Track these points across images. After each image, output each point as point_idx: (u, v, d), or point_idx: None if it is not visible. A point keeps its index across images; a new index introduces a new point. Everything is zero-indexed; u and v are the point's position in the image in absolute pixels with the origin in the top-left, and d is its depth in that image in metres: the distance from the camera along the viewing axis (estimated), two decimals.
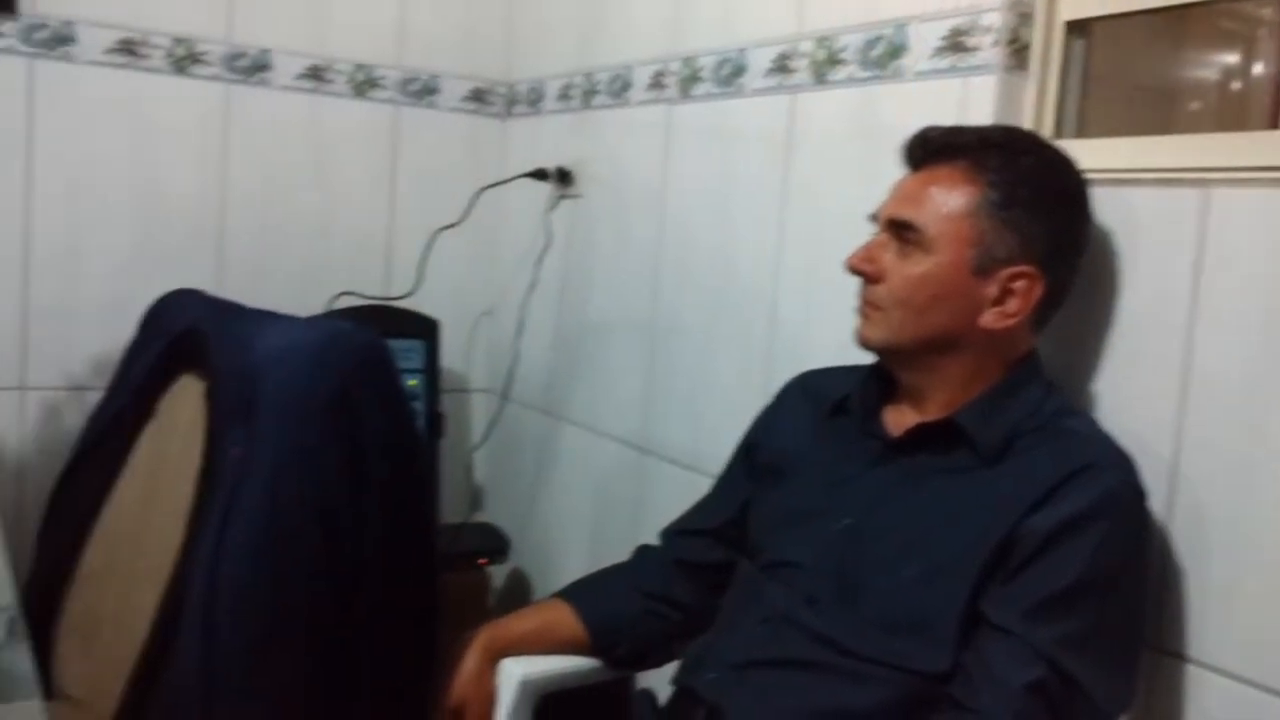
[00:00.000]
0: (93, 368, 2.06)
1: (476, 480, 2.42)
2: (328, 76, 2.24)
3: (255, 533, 1.25)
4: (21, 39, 1.98)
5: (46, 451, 2.03)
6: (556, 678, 1.37)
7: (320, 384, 1.30)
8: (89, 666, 1.47)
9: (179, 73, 2.11)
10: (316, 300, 2.16)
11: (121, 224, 2.09)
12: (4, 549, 1.21)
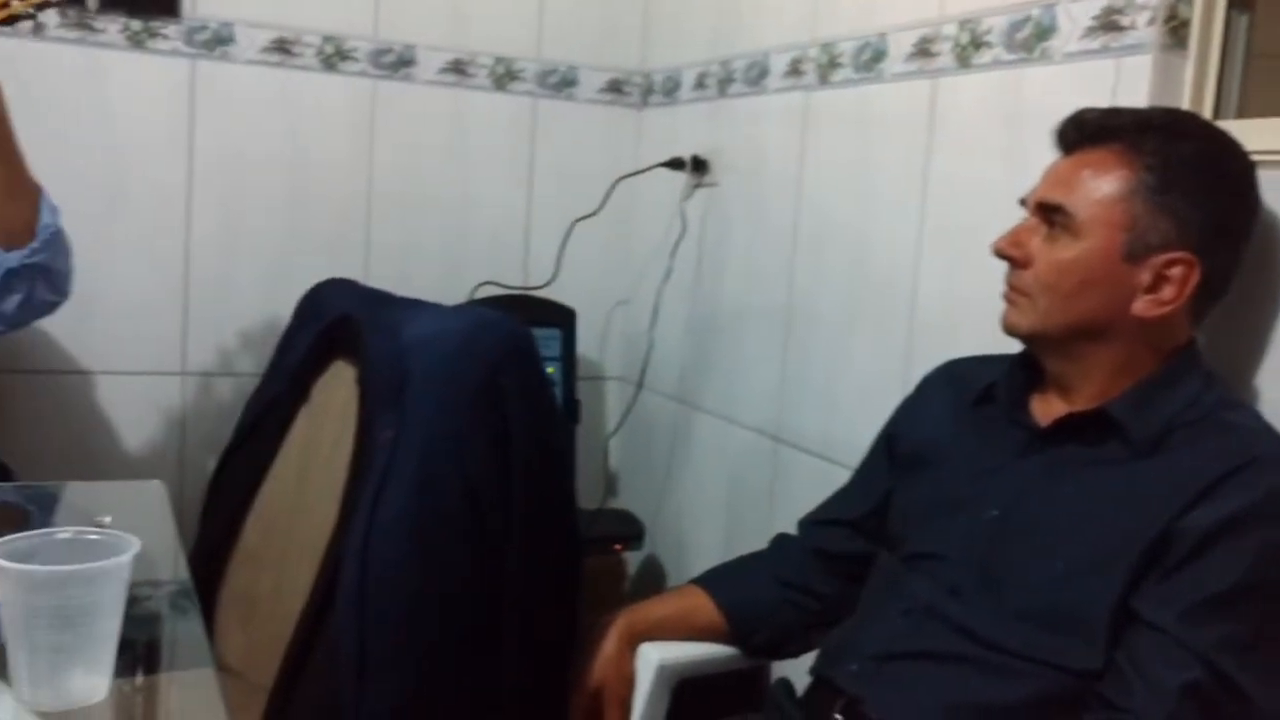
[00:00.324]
0: (249, 354, 2.15)
1: (611, 467, 2.45)
2: (469, 70, 2.29)
3: (405, 513, 1.30)
4: (184, 41, 2.09)
5: (207, 433, 2.13)
6: (694, 663, 1.38)
7: (468, 370, 1.34)
8: (247, 640, 1.54)
9: (328, 70, 2.19)
10: (458, 290, 2.22)
11: (274, 216, 2.18)
12: (174, 525, 1.28)
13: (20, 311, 1.54)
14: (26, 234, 1.50)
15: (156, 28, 2.06)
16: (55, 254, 1.54)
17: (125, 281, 2.08)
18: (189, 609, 1.04)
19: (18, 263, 1.49)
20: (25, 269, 1.50)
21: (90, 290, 2.04)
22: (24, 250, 1.49)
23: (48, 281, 1.54)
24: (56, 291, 1.59)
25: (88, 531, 0.80)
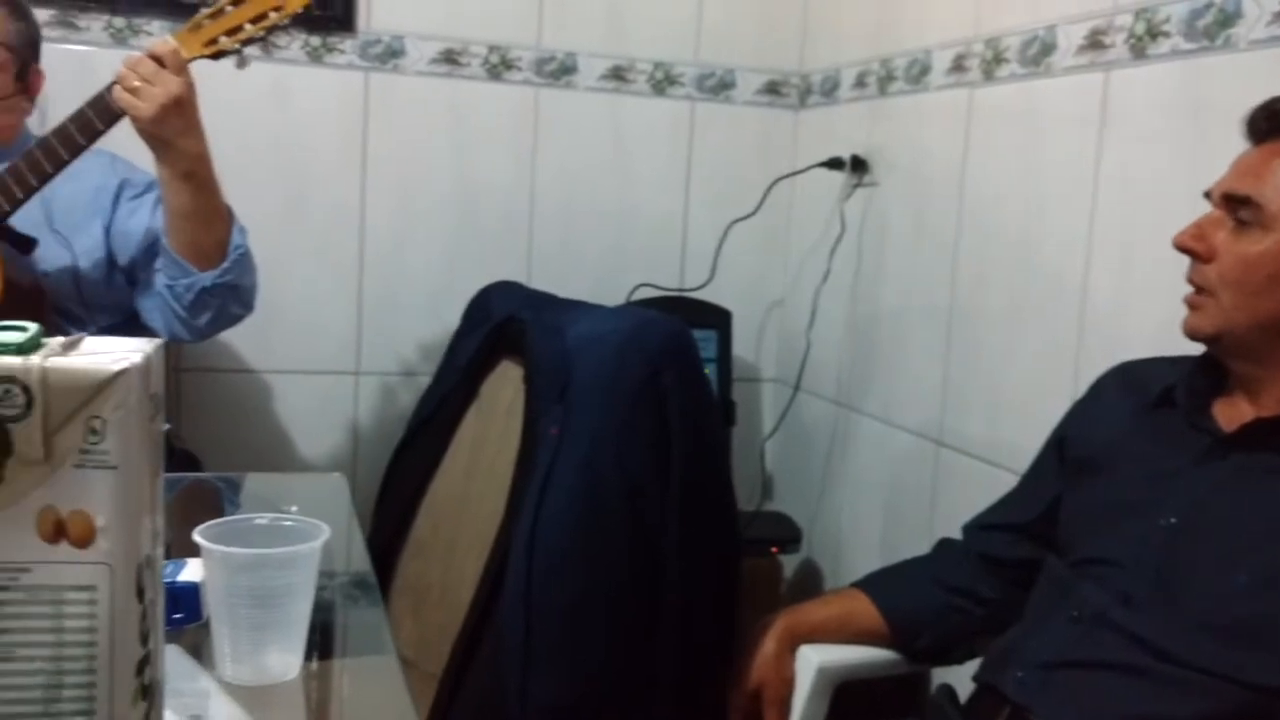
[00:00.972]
0: (419, 353, 2.24)
1: (768, 469, 2.44)
2: (629, 76, 2.33)
3: (570, 506, 1.33)
4: (359, 54, 2.18)
5: (378, 430, 2.23)
6: (854, 667, 1.37)
7: (630, 368, 1.37)
8: (418, 629, 1.60)
9: (494, 78, 2.26)
10: (616, 292, 2.25)
11: (442, 221, 2.26)
12: (354, 516, 1.34)
13: (211, 326, 1.64)
14: (219, 255, 1.59)
15: (334, 43, 2.16)
16: (243, 272, 1.63)
17: (304, 286, 2.19)
18: (367, 597, 1.09)
19: (210, 282, 1.58)
20: (217, 287, 1.59)
21: (271, 295, 2.15)
22: (216, 270, 1.58)
23: (236, 298, 1.64)
24: (244, 306, 1.69)
25: (283, 517, 0.85)
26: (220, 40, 1.51)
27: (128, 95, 1.49)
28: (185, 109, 1.50)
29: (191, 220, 1.57)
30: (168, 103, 1.48)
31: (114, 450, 0.55)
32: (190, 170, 1.54)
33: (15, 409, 0.54)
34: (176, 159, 1.53)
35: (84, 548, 0.55)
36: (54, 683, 0.56)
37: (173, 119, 1.49)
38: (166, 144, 1.51)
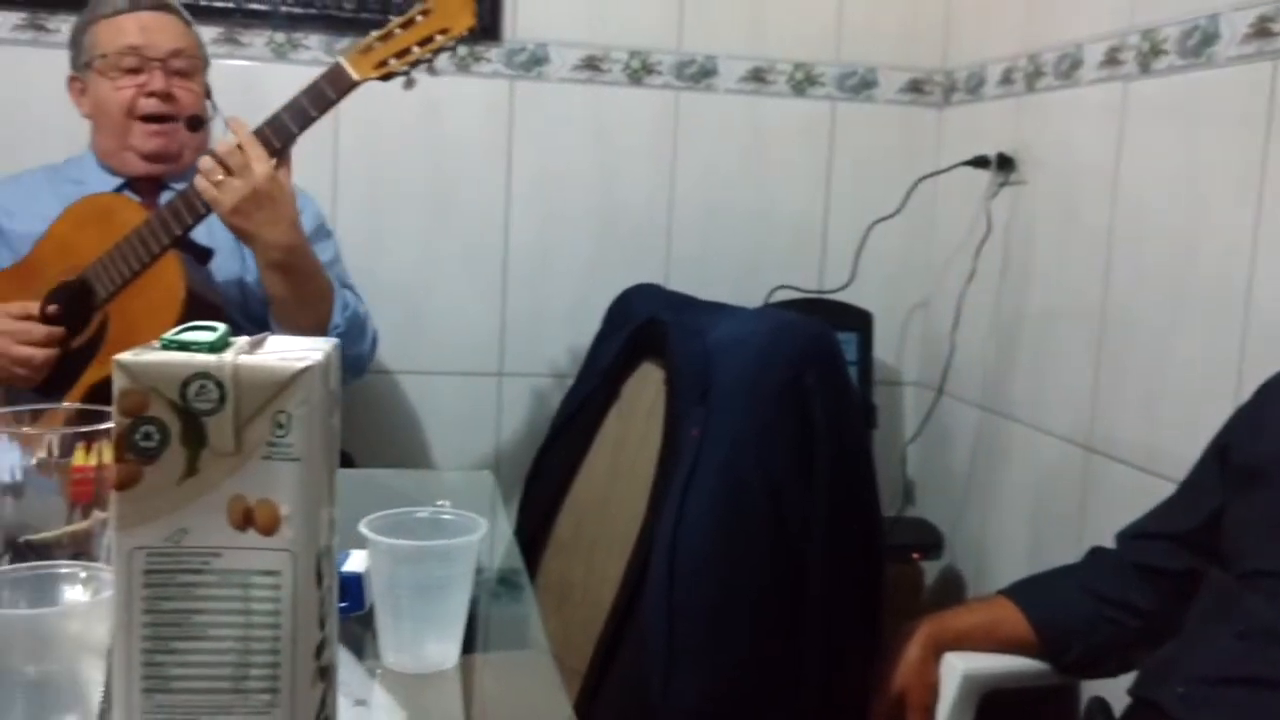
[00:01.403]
0: (561, 355, 2.28)
1: (909, 474, 2.41)
2: (769, 78, 2.32)
3: (711, 508, 1.34)
4: (504, 63, 2.24)
5: (522, 430, 2.28)
6: (1001, 675, 1.34)
7: (772, 370, 1.37)
8: (560, 626, 1.63)
9: (634, 83, 2.28)
10: (754, 294, 2.25)
11: (584, 225, 2.30)
12: (504, 513, 1.37)
13: None
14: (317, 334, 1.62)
15: (480, 52, 2.22)
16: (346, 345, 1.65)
17: (450, 290, 2.26)
18: (516, 593, 1.12)
19: None
20: None
21: (419, 298, 2.24)
22: None
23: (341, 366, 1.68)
24: (351, 373, 1.72)
25: (442, 511, 0.88)
26: (390, 63, 1.56)
27: (210, 187, 1.51)
28: (266, 202, 1.51)
29: (288, 306, 1.61)
30: (247, 196, 1.50)
31: (298, 443, 0.59)
32: (280, 261, 1.56)
33: (209, 403, 0.58)
34: (264, 250, 1.55)
35: (270, 535, 0.59)
36: (242, 661, 0.59)
37: (254, 212, 1.51)
38: (250, 236, 1.54)
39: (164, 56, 1.73)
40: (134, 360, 0.58)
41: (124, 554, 0.58)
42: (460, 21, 1.57)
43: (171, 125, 1.75)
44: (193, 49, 1.78)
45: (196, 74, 1.78)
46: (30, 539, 0.79)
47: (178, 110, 1.74)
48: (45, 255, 1.68)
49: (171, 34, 1.75)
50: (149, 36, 1.74)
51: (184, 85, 1.75)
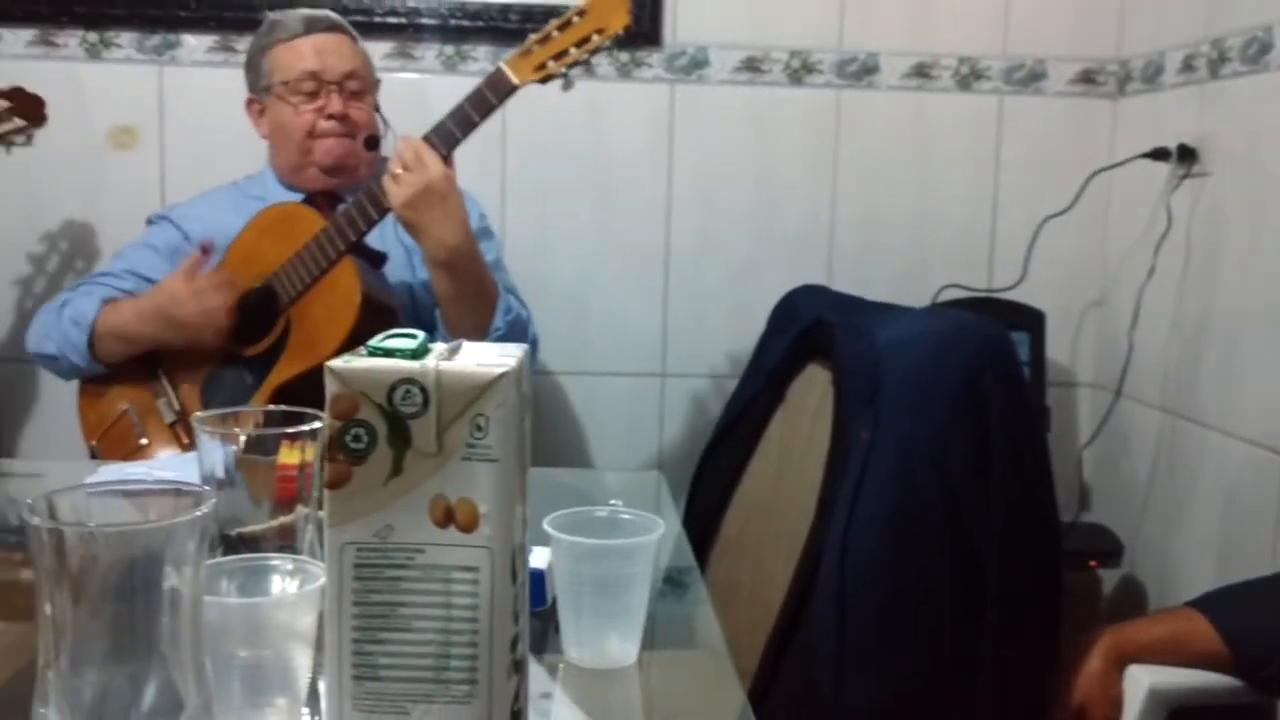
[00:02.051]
0: (723, 357, 2.29)
1: (1085, 479, 2.32)
2: (932, 73, 2.28)
3: (883, 512, 1.32)
4: (665, 67, 2.26)
5: (686, 430, 2.30)
6: (1191, 691, 1.29)
7: (945, 372, 1.34)
8: (728, 626, 1.63)
9: (794, 83, 2.27)
10: (920, 294, 2.21)
11: (744, 227, 2.30)
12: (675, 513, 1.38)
13: None
14: (479, 335, 1.65)
15: (642, 57, 2.25)
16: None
17: (612, 292, 2.29)
18: (686, 592, 1.13)
19: None
20: None
21: (582, 300, 2.28)
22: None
23: None
24: None
25: (621, 511, 0.90)
26: (548, 65, 1.60)
27: (389, 180, 1.58)
28: (437, 199, 1.56)
29: (452, 304, 1.65)
30: (420, 191, 1.55)
31: (495, 445, 0.61)
32: (448, 260, 1.60)
33: (414, 407, 0.61)
34: (433, 247, 1.59)
35: (469, 532, 0.61)
36: (443, 653, 0.62)
37: (424, 208, 1.56)
38: (421, 231, 1.59)
39: (339, 79, 1.81)
40: (344, 367, 0.61)
41: (335, 549, 0.62)
42: (615, 21, 1.60)
43: (349, 141, 1.82)
44: (364, 68, 1.85)
45: (368, 93, 1.85)
46: (241, 531, 0.84)
47: (354, 130, 1.82)
48: (232, 264, 1.78)
49: (345, 56, 1.82)
50: (325, 60, 1.81)
51: (358, 105, 1.83)
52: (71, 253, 2.24)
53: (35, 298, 2.24)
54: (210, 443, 0.86)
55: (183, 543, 0.56)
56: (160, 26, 2.20)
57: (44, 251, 2.24)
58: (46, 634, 0.56)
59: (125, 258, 1.91)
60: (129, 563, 0.56)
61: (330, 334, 1.65)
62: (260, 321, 1.73)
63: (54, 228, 2.24)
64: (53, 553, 0.55)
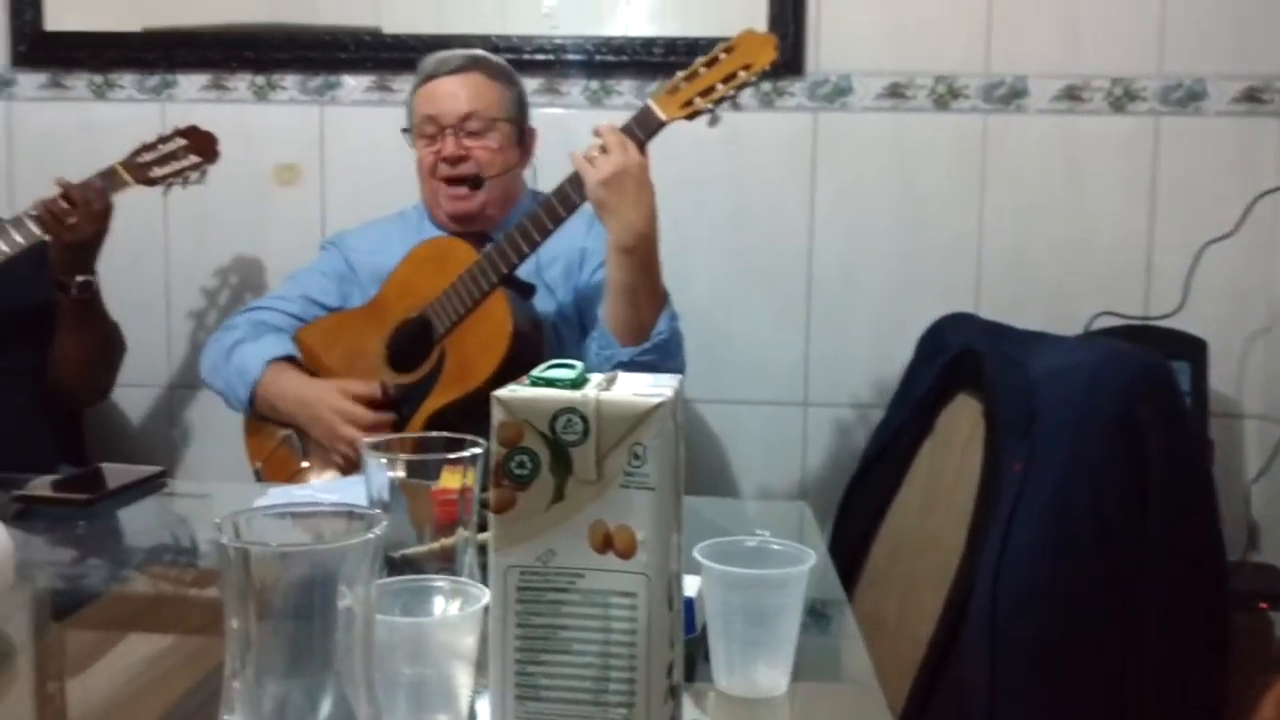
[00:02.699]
0: (867, 386, 2.26)
1: (1253, 515, 2.21)
2: (1083, 95, 2.22)
3: (1037, 545, 1.29)
4: (808, 96, 2.26)
5: (829, 460, 2.28)
6: None
7: (1102, 403, 1.31)
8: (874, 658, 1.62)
9: (940, 109, 2.25)
10: (1072, 322, 2.15)
11: (888, 254, 2.27)
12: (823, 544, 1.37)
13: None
14: (641, 336, 1.67)
15: (784, 86, 2.26)
16: (664, 357, 1.69)
17: (753, 320, 2.29)
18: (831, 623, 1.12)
19: (627, 358, 1.66)
20: (632, 364, 1.66)
21: (722, 328, 2.29)
22: (635, 349, 1.66)
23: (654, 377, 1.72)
24: None
25: (770, 541, 0.91)
26: (695, 101, 1.62)
27: (584, 161, 1.62)
28: (630, 183, 1.59)
29: (623, 296, 1.65)
30: (618, 171, 1.58)
31: (653, 473, 0.62)
32: (631, 246, 1.62)
33: (575, 435, 0.63)
34: (620, 231, 1.61)
35: (627, 558, 0.63)
36: (601, 675, 0.64)
37: (618, 187, 1.59)
38: (612, 212, 1.61)
39: (455, 122, 1.86)
40: (510, 396, 0.64)
41: (500, 571, 0.64)
42: (762, 56, 1.61)
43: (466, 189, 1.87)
44: (490, 107, 1.88)
45: (491, 131, 1.87)
46: (405, 554, 0.88)
47: (469, 171, 1.87)
48: (390, 294, 1.85)
49: (464, 98, 1.86)
50: (443, 104, 1.86)
51: (478, 145, 1.86)
52: (241, 286, 2.37)
53: (207, 329, 2.37)
54: (376, 467, 0.90)
55: (356, 563, 0.59)
56: (322, 69, 2.32)
57: (216, 285, 2.37)
58: (233, 646, 0.59)
59: (298, 281, 2.01)
60: (308, 581, 0.60)
61: (483, 363, 1.70)
62: (416, 351, 1.79)
63: (225, 262, 2.37)
64: (240, 570, 0.58)
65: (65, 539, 1.30)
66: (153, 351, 2.32)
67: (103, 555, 1.28)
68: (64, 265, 1.91)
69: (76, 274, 1.91)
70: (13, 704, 0.88)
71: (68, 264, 1.90)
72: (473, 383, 1.69)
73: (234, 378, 1.87)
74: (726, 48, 1.63)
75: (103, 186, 1.91)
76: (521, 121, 1.94)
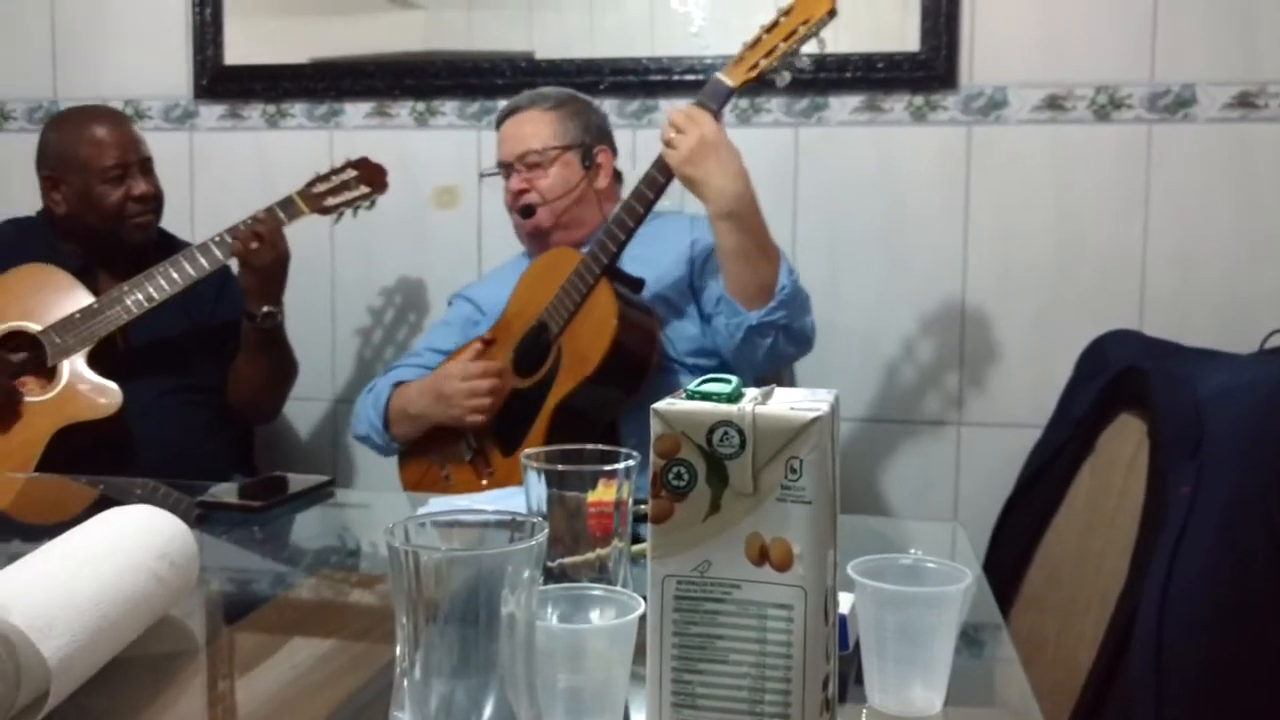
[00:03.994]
0: (1024, 405, 2.20)
1: None
2: (1258, 101, 2.12)
3: (1208, 570, 1.24)
4: (961, 110, 2.22)
5: (982, 479, 2.22)
6: None
7: (1275, 423, 1.24)
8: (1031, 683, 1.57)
9: (1100, 119, 2.18)
10: (1243, 339, 2.04)
11: (1045, 269, 2.21)
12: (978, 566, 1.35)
13: (767, 361, 1.76)
14: (765, 295, 1.70)
15: (936, 100, 2.23)
16: (793, 313, 1.73)
17: (905, 337, 2.26)
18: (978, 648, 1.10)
19: (756, 320, 1.70)
20: (764, 326, 1.71)
21: (875, 345, 2.27)
22: (762, 309, 1.70)
23: (788, 336, 1.74)
24: (798, 345, 1.79)
25: (925, 559, 0.90)
26: (759, 64, 1.66)
27: (665, 147, 1.68)
28: (712, 149, 1.64)
29: (737, 260, 1.69)
30: (696, 146, 1.63)
31: (809, 487, 0.63)
32: (730, 210, 1.66)
33: (731, 448, 0.64)
34: (715, 197, 1.66)
35: (783, 571, 0.63)
36: (757, 686, 0.64)
37: (701, 159, 1.64)
38: (702, 183, 1.66)
39: (512, 161, 1.99)
40: (668, 409, 0.65)
41: (657, 580, 0.66)
42: (818, 8, 1.66)
43: (530, 221, 1.98)
44: (545, 140, 1.97)
45: (549, 164, 1.97)
46: (562, 562, 0.90)
47: (529, 201, 1.97)
48: (512, 311, 1.95)
49: (520, 137, 1.99)
50: (504, 147, 2.01)
51: (537, 177, 1.97)
52: (404, 305, 2.47)
53: (372, 346, 2.47)
54: (535, 478, 0.92)
55: (519, 569, 0.61)
56: (479, 94, 2.40)
57: (380, 304, 2.47)
58: (402, 646, 0.62)
59: (427, 337, 2.16)
60: (473, 586, 0.62)
61: (594, 351, 1.75)
62: (537, 355, 1.85)
63: (388, 282, 2.47)
64: (410, 573, 0.61)
65: (242, 542, 1.37)
66: (318, 367, 2.44)
67: (274, 559, 1.35)
68: (254, 294, 2.04)
69: (264, 304, 2.04)
70: (191, 700, 0.93)
71: (257, 293, 2.04)
72: (585, 370, 1.75)
73: (370, 412, 2.00)
74: (785, 10, 1.68)
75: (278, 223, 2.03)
76: (587, 144, 1.99)
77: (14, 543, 1.44)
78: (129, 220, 2.06)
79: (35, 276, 2.01)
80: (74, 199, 2.06)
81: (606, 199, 1.99)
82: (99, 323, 1.96)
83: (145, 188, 2.07)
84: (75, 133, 2.07)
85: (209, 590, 1.17)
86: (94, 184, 2.04)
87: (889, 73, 2.23)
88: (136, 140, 2.09)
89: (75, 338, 1.94)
